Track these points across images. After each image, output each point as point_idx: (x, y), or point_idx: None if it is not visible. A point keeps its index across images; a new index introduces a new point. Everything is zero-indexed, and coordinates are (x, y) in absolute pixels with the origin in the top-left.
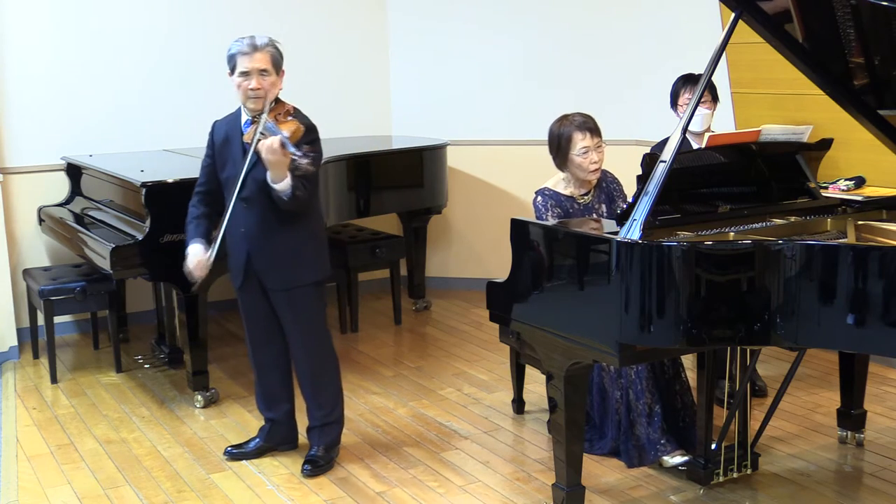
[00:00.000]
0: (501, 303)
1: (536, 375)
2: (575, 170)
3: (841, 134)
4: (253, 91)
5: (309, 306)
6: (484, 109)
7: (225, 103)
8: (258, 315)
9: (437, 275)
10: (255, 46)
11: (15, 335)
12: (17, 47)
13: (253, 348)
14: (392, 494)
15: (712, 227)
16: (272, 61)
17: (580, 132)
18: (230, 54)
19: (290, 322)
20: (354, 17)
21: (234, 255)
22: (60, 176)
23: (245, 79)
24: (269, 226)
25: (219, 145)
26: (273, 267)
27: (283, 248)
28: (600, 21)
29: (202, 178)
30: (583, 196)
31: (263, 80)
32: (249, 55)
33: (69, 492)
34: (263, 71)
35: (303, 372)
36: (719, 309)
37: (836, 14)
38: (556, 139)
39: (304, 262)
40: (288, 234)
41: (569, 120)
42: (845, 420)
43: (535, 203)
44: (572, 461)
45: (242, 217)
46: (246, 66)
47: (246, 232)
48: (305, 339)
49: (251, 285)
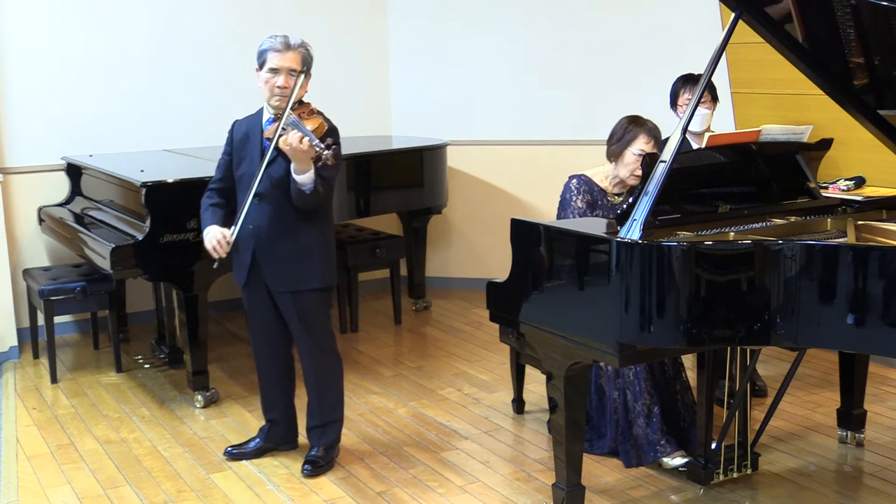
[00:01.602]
0: (501, 303)
1: (536, 375)
2: (622, 168)
3: (841, 134)
4: (280, 89)
5: (314, 311)
6: (484, 109)
7: (225, 103)
8: (262, 314)
9: (437, 275)
10: (288, 45)
11: (15, 335)
12: (17, 47)
13: (255, 347)
14: (392, 494)
15: (712, 227)
16: (302, 62)
17: (646, 136)
18: (262, 49)
19: (295, 324)
20: (355, 17)
21: (241, 251)
22: (60, 176)
23: (273, 75)
24: (279, 224)
25: (238, 143)
26: (279, 267)
27: (291, 248)
28: (600, 21)
29: (218, 174)
30: (615, 195)
31: (291, 80)
32: (281, 53)
33: (69, 492)
34: (292, 70)
35: (306, 373)
36: (719, 309)
37: (836, 14)
38: (621, 131)
39: (311, 265)
40: (297, 234)
41: (641, 122)
42: (845, 420)
43: (568, 184)
44: (572, 461)
45: (254, 213)
46: (276, 63)
47: (255, 229)
48: (309, 342)
49: (255, 283)
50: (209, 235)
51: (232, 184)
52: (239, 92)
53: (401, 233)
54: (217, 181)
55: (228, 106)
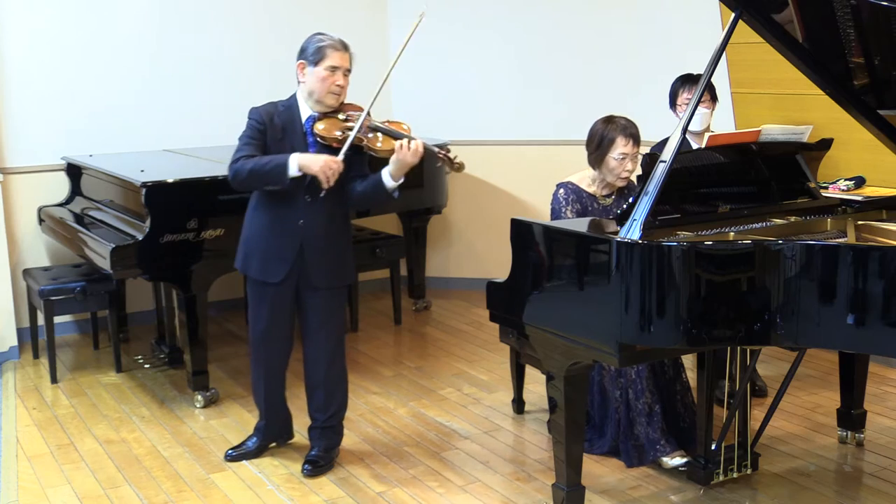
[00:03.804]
0: (501, 303)
1: (536, 375)
2: (607, 172)
3: (841, 134)
4: (338, 87)
5: (340, 307)
6: (484, 109)
7: (225, 103)
8: (283, 312)
9: (437, 275)
10: (346, 45)
11: (15, 335)
12: (17, 47)
13: (267, 344)
14: (392, 494)
15: (712, 227)
16: (351, 65)
17: (623, 137)
18: (319, 45)
19: (320, 322)
20: (355, 17)
21: (282, 247)
22: (60, 176)
23: (333, 73)
24: (331, 222)
25: (273, 134)
26: (325, 264)
27: (335, 247)
28: (600, 21)
29: (250, 151)
30: (605, 197)
31: (346, 80)
32: (341, 52)
33: (69, 492)
34: (348, 71)
35: (319, 373)
36: (719, 309)
37: (836, 14)
38: (598, 138)
39: (346, 263)
40: (342, 234)
41: (615, 123)
42: (845, 420)
43: (556, 195)
44: (572, 461)
45: (304, 210)
46: (337, 62)
47: (305, 224)
48: (329, 341)
49: (290, 281)
50: (316, 158)
51: None
52: (239, 92)
53: (401, 233)
54: (250, 153)
55: (229, 106)
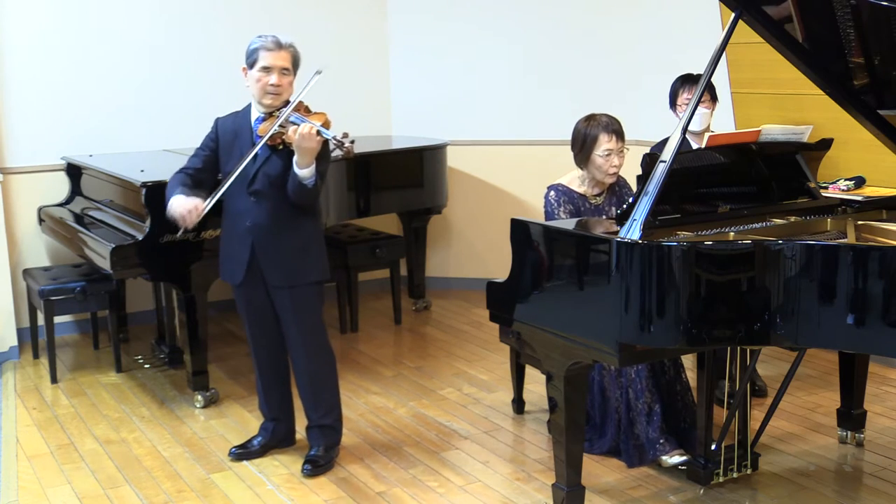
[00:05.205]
0: (501, 303)
1: (536, 375)
2: (594, 170)
3: (841, 134)
4: (273, 87)
5: (309, 305)
6: (484, 109)
7: (225, 103)
8: (257, 312)
9: (437, 275)
10: (279, 44)
11: (15, 335)
12: (17, 48)
13: (255, 347)
14: (392, 494)
15: (712, 227)
16: (293, 61)
17: (606, 134)
18: (252, 48)
19: (290, 320)
20: (355, 17)
21: (237, 249)
22: (60, 176)
23: (266, 74)
24: (279, 220)
25: (225, 141)
26: (278, 262)
27: (288, 244)
28: (600, 21)
29: (196, 162)
30: (595, 196)
31: (283, 79)
32: (273, 52)
33: (69, 492)
34: (284, 69)
35: (301, 371)
36: (719, 309)
37: (836, 14)
38: (581, 137)
39: (307, 260)
40: (294, 231)
41: (596, 120)
42: (845, 420)
43: (547, 197)
44: (572, 461)
45: (251, 211)
46: (268, 62)
47: (252, 226)
48: (304, 339)
49: (252, 281)
50: (179, 201)
51: (208, 176)
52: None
53: (401, 233)
54: (192, 168)
55: (229, 106)
